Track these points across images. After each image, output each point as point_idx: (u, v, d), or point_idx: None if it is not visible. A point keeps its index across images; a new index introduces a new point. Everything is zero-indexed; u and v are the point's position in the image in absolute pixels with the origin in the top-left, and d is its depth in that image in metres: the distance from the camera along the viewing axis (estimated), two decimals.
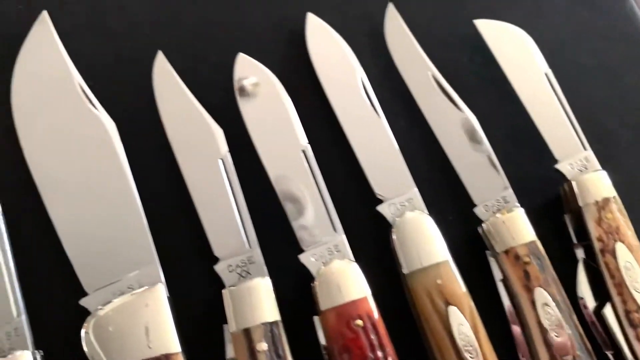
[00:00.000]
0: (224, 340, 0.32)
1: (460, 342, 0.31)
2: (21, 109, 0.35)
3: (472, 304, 0.32)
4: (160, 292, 0.32)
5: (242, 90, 0.36)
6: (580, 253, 0.34)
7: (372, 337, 0.31)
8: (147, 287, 0.32)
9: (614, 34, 0.41)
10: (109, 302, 0.32)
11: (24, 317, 0.31)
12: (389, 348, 0.31)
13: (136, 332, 0.31)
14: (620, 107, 0.39)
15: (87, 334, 0.31)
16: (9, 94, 0.35)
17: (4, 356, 0.30)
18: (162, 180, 0.35)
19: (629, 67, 0.40)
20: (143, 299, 0.32)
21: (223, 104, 0.36)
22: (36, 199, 0.34)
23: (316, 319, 0.33)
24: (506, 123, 0.37)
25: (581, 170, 0.35)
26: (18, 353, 0.30)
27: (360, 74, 0.37)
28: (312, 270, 0.33)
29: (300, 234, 0.33)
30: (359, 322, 0.31)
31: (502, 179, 0.35)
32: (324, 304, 0.31)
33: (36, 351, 0.31)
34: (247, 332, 0.31)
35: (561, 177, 0.35)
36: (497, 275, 0.34)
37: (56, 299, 0.33)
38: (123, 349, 0.30)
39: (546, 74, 0.37)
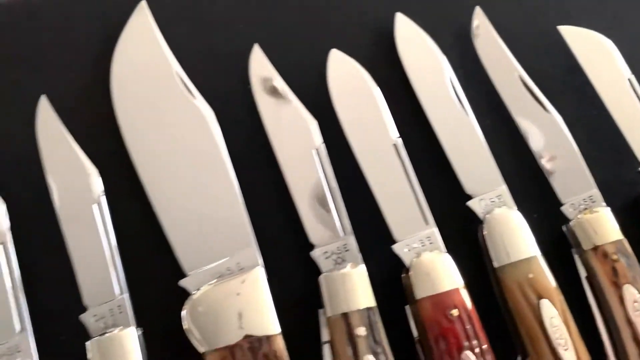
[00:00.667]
0: (318, 324, 0.33)
1: (552, 334, 0.32)
2: (121, 97, 0.36)
3: (562, 297, 0.33)
4: (260, 275, 0.33)
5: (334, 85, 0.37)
6: None
7: (467, 326, 0.32)
8: (245, 269, 0.33)
9: None
10: (209, 283, 0.33)
11: (126, 296, 0.32)
12: (483, 338, 0.32)
13: (235, 314, 0.32)
14: None
15: (187, 315, 0.32)
16: (109, 82, 0.37)
17: (109, 332, 0.31)
18: (259, 169, 0.36)
19: None
20: (242, 281, 0.33)
21: (316, 98, 0.37)
22: (137, 183, 0.35)
23: (407, 308, 0.34)
24: (590, 127, 0.38)
25: None
26: (122, 329, 0.32)
27: (448, 73, 0.38)
28: (406, 260, 0.33)
29: (392, 225, 0.34)
30: (455, 311, 0.32)
31: (588, 178, 0.36)
32: (420, 293, 0.32)
33: (137, 328, 0.32)
34: (345, 317, 0.32)
35: None
36: (582, 272, 0.35)
37: (157, 279, 0.34)
38: (223, 329, 0.31)
39: (629, 80, 0.38)
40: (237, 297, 0.32)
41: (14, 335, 0.31)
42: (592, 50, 0.38)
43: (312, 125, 0.36)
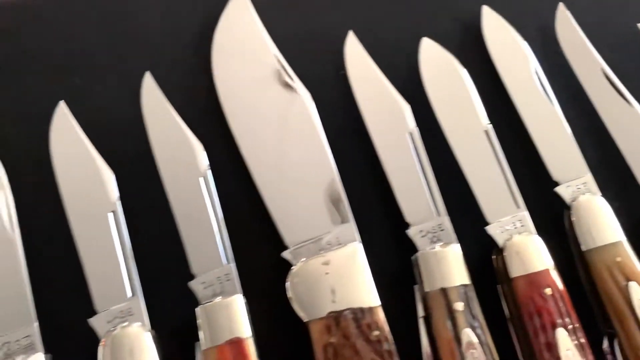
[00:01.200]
0: (413, 300, 0.34)
1: None
2: (222, 76, 0.38)
3: None
4: (359, 249, 0.34)
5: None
6: None
7: (560, 305, 0.33)
8: (344, 244, 0.34)
9: None
10: (309, 257, 0.34)
11: (232, 265, 0.34)
12: (575, 317, 0.33)
13: (337, 286, 0.33)
14: None
15: (290, 286, 0.33)
16: (210, 63, 0.38)
17: (217, 299, 0.33)
18: (354, 151, 0.37)
19: None
20: (342, 255, 0.34)
21: (407, 84, 0.38)
22: (239, 159, 0.36)
23: (499, 287, 0.35)
24: None
25: None
26: (229, 296, 0.33)
27: (534, 65, 0.39)
28: (499, 241, 0.35)
29: (485, 208, 0.36)
30: (548, 290, 0.33)
31: None
32: (514, 272, 0.33)
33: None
34: (444, 292, 0.33)
35: None
36: None
37: (260, 251, 0.35)
38: (324, 300, 0.32)
39: None
40: (337, 270, 0.33)
41: (126, 299, 0.32)
42: None
43: (406, 109, 0.37)
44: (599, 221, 0.35)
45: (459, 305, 0.33)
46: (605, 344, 0.34)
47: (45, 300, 0.33)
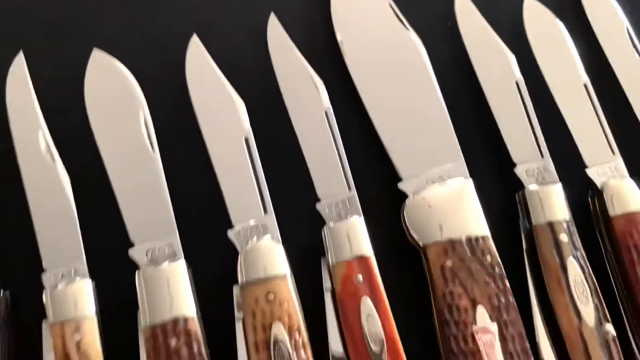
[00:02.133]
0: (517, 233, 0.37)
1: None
2: (341, 22, 0.40)
3: None
4: (469, 184, 0.37)
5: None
6: None
7: None
8: (456, 178, 0.37)
9: None
10: (424, 188, 0.37)
11: (353, 192, 0.36)
12: None
13: (449, 216, 0.36)
14: None
15: (405, 214, 0.36)
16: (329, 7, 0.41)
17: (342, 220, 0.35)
18: (463, 94, 0.40)
19: None
20: (454, 188, 0.37)
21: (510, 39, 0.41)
22: (358, 99, 0.39)
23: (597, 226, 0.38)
24: None
25: None
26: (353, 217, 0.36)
27: (626, 24, 0.42)
28: (598, 183, 0.37)
29: (584, 152, 0.38)
30: None
31: None
32: (614, 211, 0.36)
33: None
34: (550, 225, 0.36)
35: None
36: None
37: (375, 182, 0.38)
38: (444, 226, 0.35)
39: None
40: (452, 200, 0.36)
41: (261, 217, 0.35)
42: None
43: (512, 59, 0.40)
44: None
45: (564, 237, 0.36)
46: None
47: (185, 214, 0.35)
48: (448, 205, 0.36)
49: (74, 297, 0.32)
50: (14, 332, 0.34)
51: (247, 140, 0.36)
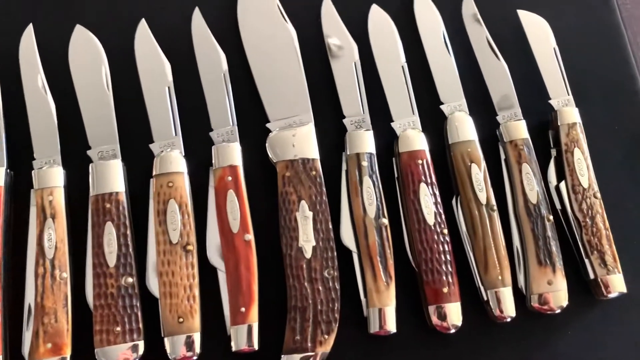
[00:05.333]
0: None
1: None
2: (243, 17, 0.60)
3: None
4: (311, 128, 0.56)
5: None
6: (553, 152, 0.57)
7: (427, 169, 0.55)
8: (306, 124, 0.56)
9: None
10: (283, 128, 0.56)
11: (236, 126, 0.56)
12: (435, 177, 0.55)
13: (297, 146, 0.55)
14: None
15: (268, 145, 0.56)
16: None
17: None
18: (320, 65, 0.59)
19: None
20: (301, 129, 0.56)
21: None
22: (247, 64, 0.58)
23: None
24: None
25: (564, 106, 0.58)
26: (234, 143, 0.55)
27: (442, 29, 0.60)
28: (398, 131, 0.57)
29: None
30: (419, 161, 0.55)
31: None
32: (402, 149, 0.55)
33: None
34: (357, 155, 0.55)
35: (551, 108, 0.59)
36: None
37: (252, 120, 0.58)
38: (285, 152, 0.55)
39: None
40: (300, 138, 0.55)
41: (172, 137, 0.55)
42: None
43: (354, 47, 0.59)
44: (464, 127, 0.57)
45: (365, 163, 0.55)
46: (454, 201, 0.56)
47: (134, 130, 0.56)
48: (293, 139, 0.55)
49: (51, 175, 0.53)
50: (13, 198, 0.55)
51: (169, 89, 0.56)
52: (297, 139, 0.56)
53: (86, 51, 0.58)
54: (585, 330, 0.55)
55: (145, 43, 0.58)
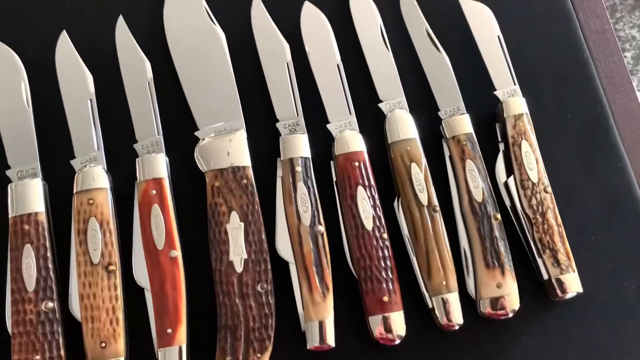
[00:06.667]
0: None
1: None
2: (169, 21, 0.57)
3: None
4: (243, 135, 0.53)
5: None
6: (501, 146, 0.54)
7: (364, 172, 0.52)
8: (237, 130, 0.54)
9: None
10: (211, 136, 0.53)
11: (161, 136, 0.53)
12: (373, 180, 0.52)
13: (223, 152, 0.52)
14: None
15: (197, 152, 0.53)
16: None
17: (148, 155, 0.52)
18: (249, 67, 0.57)
19: None
20: (232, 136, 0.53)
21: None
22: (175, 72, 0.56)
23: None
24: None
25: (510, 96, 0.55)
26: (160, 154, 0.52)
27: (380, 23, 0.57)
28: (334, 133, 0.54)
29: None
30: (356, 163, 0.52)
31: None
32: (338, 151, 0.52)
33: None
34: (290, 160, 0.52)
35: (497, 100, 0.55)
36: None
37: (179, 129, 0.55)
38: (217, 160, 0.52)
39: None
40: (234, 144, 0.52)
41: (94, 152, 0.52)
42: None
43: (286, 46, 0.56)
44: (404, 125, 0.54)
45: (299, 168, 0.52)
46: (395, 203, 0.53)
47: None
48: (223, 147, 0.52)
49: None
50: None
51: (90, 101, 0.54)
52: (229, 146, 0.53)
53: (4, 66, 0.55)
54: (542, 334, 0.51)
55: (67, 55, 0.55)
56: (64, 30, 0.56)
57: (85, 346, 0.47)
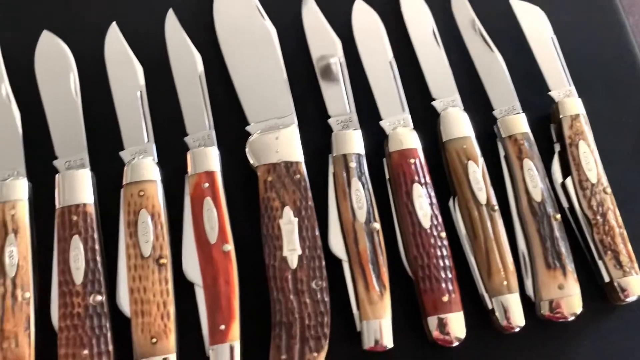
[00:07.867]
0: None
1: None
2: (219, 16, 0.57)
3: None
4: (295, 130, 0.52)
5: None
6: (556, 147, 0.53)
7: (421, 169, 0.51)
8: (288, 125, 0.53)
9: None
10: (263, 131, 0.52)
11: (213, 130, 0.52)
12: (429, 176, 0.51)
13: (280, 149, 0.51)
14: None
15: (248, 149, 0.52)
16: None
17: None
18: (300, 64, 0.56)
19: None
20: (287, 132, 0.52)
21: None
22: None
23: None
24: None
25: (566, 97, 0.54)
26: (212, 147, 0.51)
27: (432, 24, 0.57)
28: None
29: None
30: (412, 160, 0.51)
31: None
32: (392, 148, 0.51)
33: None
34: (344, 156, 0.51)
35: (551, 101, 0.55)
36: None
37: (231, 124, 0.54)
38: (267, 156, 0.51)
39: None
40: (283, 140, 0.51)
41: (144, 143, 0.51)
42: None
43: (338, 43, 0.55)
44: (460, 123, 0.53)
45: (353, 164, 0.50)
46: (451, 202, 0.51)
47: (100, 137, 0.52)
48: (276, 142, 0.51)
49: (14, 187, 0.49)
50: None
51: (141, 93, 0.53)
52: (280, 142, 0.52)
53: (54, 57, 0.54)
54: (602, 339, 0.49)
55: (116, 47, 0.54)
56: (114, 22, 0.56)
57: (135, 341, 0.46)
